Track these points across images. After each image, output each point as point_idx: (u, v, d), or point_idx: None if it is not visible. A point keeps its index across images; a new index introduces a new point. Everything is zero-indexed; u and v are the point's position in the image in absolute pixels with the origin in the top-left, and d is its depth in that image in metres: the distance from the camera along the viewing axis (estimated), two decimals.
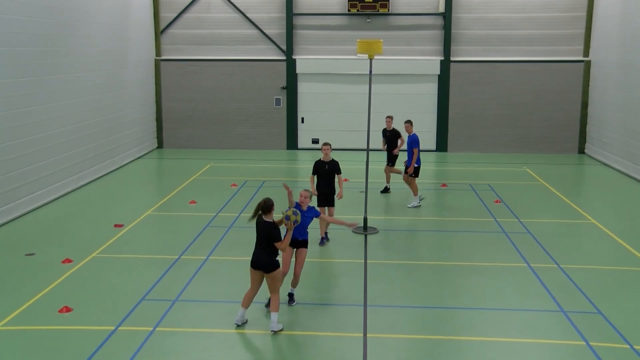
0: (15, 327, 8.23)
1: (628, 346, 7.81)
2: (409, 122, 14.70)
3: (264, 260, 8.13)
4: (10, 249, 11.31)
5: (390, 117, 15.86)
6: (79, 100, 16.15)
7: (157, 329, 8.22)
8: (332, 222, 10.03)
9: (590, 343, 7.86)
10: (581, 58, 21.10)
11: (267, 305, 8.80)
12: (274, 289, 8.20)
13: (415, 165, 14.28)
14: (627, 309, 8.88)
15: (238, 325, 8.26)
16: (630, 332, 8.13)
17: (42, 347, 7.75)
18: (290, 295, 9.08)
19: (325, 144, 11.83)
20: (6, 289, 9.46)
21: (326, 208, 11.84)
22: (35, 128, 13.96)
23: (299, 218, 8.45)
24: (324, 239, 11.69)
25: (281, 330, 8.18)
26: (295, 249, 9.13)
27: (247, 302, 8.32)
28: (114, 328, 8.19)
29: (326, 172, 11.70)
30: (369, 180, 13.00)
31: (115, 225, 12.65)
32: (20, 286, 9.56)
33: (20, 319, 8.44)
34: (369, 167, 13.02)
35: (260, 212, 8.26)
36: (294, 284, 9.05)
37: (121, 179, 17.37)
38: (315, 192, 11.66)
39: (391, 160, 15.73)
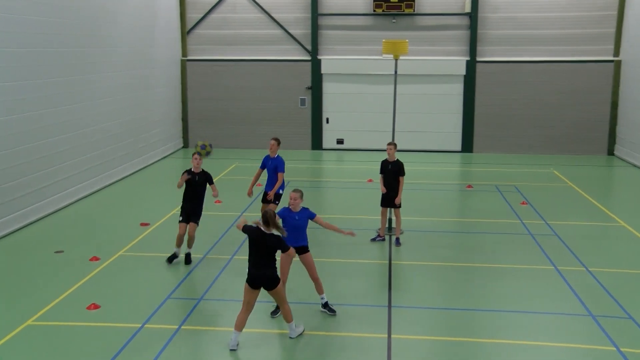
0: (45, 323, 8.36)
1: None
2: (275, 140, 11.62)
3: (270, 275, 7.57)
4: (41, 246, 11.50)
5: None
6: (106, 100, 16.36)
7: (183, 327, 8.28)
8: (327, 227, 8.66)
9: (621, 349, 7.71)
10: (611, 58, 20.75)
11: (274, 312, 8.61)
12: (281, 300, 7.81)
13: (279, 192, 11.49)
14: None
15: (233, 350, 7.64)
16: None
17: (70, 343, 7.86)
18: (326, 304, 8.71)
19: (389, 143, 11.60)
20: (36, 286, 9.62)
21: (388, 210, 11.85)
22: (64, 127, 14.18)
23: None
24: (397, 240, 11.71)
25: (303, 331, 8.08)
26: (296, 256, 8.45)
27: (240, 326, 7.69)
28: (140, 325, 8.28)
29: (389, 173, 11.55)
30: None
31: (142, 224, 12.78)
32: (49, 283, 9.72)
33: (49, 315, 8.58)
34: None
35: (260, 225, 7.62)
36: (320, 289, 8.75)
37: (147, 178, 17.55)
38: (383, 190, 11.56)
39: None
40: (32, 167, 12.95)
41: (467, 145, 21.58)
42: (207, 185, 10.68)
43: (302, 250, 8.59)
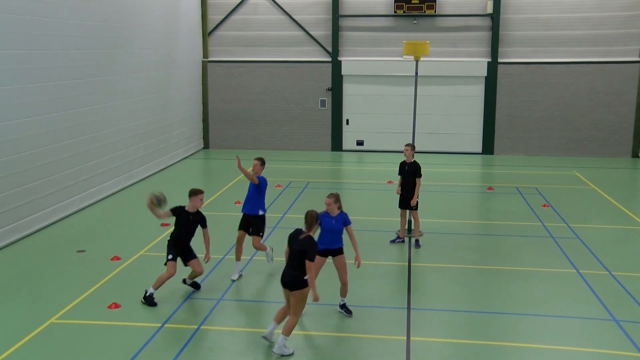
0: (67, 321, 8.46)
1: None
2: (258, 161, 10.35)
3: (294, 277, 7.48)
4: (63, 245, 11.65)
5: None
6: (128, 101, 16.53)
7: (202, 327, 8.33)
8: (350, 239, 8.59)
9: None
10: (637, 59, 20.45)
11: (341, 307, 8.60)
12: (294, 310, 7.49)
13: (261, 213, 10.19)
14: None
15: (266, 339, 7.75)
16: None
17: (91, 341, 7.95)
18: (343, 305, 8.73)
19: (406, 144, 11.55)
20: (59, 284, 9.75)
21: (407, 211, 11.81)
22: (87, 128, 14.35)
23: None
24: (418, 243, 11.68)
25: (289, 355, 7.50)
26: (326, 259, 8.65)
27: (278, 318, 7.79)
28: (160, 325, 8.34)
29: (406, 174, 11.49)
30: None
31: (162, 225, 12.88)
32: (71, 282, 9.84)
33: (71, 314, 8.68)
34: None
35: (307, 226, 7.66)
36: (344, 292, 8.72)
37: (168, 179, 17.69)
38: (398, 191, 11.60)
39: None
40: (56, 167, 13.13)
41: (488, 147, 21.41)
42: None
43: (337, 252, 8.61)
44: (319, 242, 8.20)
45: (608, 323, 8.48)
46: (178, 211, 9.17)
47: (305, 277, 7.46)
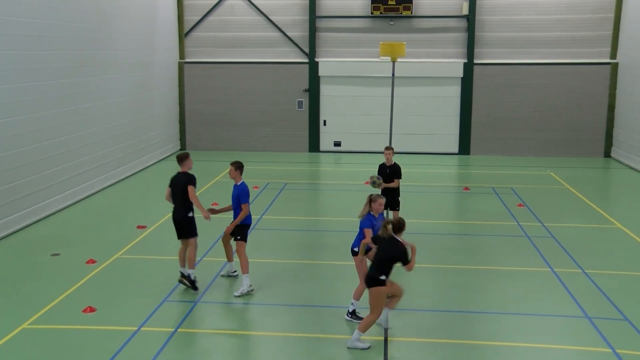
0: (40, 326, 8.35)
1: None
2: (232, 165, 9.74)
3: (370, 275, 7.65)
4: (37, 248, 11.49)
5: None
6: (104, 103, 16.36)
7: (179, 329, 8.28)
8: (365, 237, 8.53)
9: (617, 350, 7.73)
10: (608, 60, 20.80)
11: (350, 314, 8.51)
12: (373, 308, 7.62)
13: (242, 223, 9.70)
14: None
15: (385, 329, 7.90)
16: None
17: (66, 346, 7.85)
18: (353, 312, 8.58)
19: (387, 148, 11.57)
20: (32, 289, 9.61)
21: (390, 212, 11.78)
22: (62, 130, 14.18)
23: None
24: None
25: (366, 348, 7.69)
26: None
27: (391, 304, 7.96)
28: (136, 328, 8.27)
29: (388, 177, 11.47)
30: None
31: (139, 227, 12.78)
32: (45, 286, 9.70)
33: (44, 318, 8.56)
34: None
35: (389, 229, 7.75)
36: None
37: (145, 181, 17.54)
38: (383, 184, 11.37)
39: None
40: (30, 169, 12.94)
41: (465, 147, 21.60)
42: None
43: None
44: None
45: (581, 320, 8.61)
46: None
47: (382, 277, 7.56)
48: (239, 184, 9.62)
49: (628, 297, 9.34)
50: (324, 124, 22.06)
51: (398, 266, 7.75)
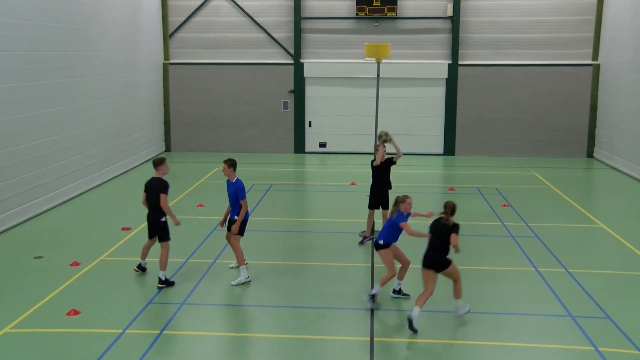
0: (23, 330, 8.26)
1: (637, 352, 7.75)
2: (225, 163, 9.80)
3: (437, 260, 8.42)
4: (20, 251, 11.37)
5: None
6: (88, 104, 16.24)
7: (164, 332, 8.24)
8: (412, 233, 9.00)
9: (599, 348, 7.81)
10: (590, 62, 21.02)
11: (396, 292, 9.31)
12: (456, 277, 8.60)
13: (236, 218, 9.91)
14: (636, 314, 8.82)
15: (410, 321, 8.18)
16: (638, 337, 8.06)
17: (49, 350, 7.78)
18: (400, 290, 9.38)
19: (381, 145, 11.71)
20: (14, 292, 9.51)
21: (377, 212, 11.89)
22: (45, 131, 14.05)
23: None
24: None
25: (468, 311, 8.65)
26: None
27: (421, 302, 8.37)
28: (121, 331, 8.21)
29: (382, 171, 11.66)
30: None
31: (123, 229, 12.70)
32: (28, 289, 9.60)
33: (28, 322, 8.47)
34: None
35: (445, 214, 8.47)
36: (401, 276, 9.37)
37: (130, 182, 17.43)
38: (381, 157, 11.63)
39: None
40: (13, 170, 12.81)
41: (449, 148, 21.72)
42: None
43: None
44: (392, 237, 9.12)
45: (564, 319, 8.69)
46: None
47: (448, 257, 8.48)
48: (234, 181, 9.75)
49: (610, 296, 9.44)
50: (309, 125, 22.07)
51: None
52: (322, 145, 22.11)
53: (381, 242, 9.11)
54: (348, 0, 21.22)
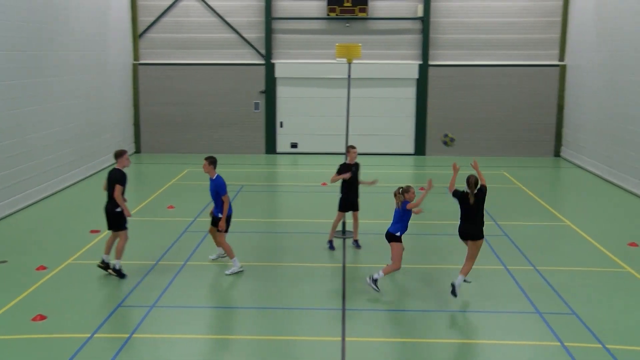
0: None
1: (600, 345, 7.92)
2: (206, 160, 10.13)
3: (476, 231, 9.15)
4: None
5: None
6: (57, 105, 15.99)
7: (134, 335, 8.14)
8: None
9: (565, 343, 7.96)
10: (557, 62, 21.39)
11: (372, 280, 9.53)
12: (473, 255, 9.20)
13: (220, 215, 10.22)
14: (600, 310, 9.01)
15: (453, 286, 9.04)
16: (602, 332, 8.25)
17: (14, 357, 7.62)
18: (375, 281, 9.55)
19: (352, 146, 11.66)
20: None
21: (347, 214, 11.86)
22: (13, 132, 13.80)
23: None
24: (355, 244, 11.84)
25: (469, 281, 9.45)
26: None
27: (464, 270, 9.21)
28: (89, 335, 8.09)
29: (354, 174, 11.59)
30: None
31: (92, 231, 12.52)
32: None
33: None
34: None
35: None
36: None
37: (99, 184, 17.14)
38: (348, 175, 11.48)
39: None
40: None
41: (420, 148, 21.88)
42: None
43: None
44: (404, 227, 9.58)
45: (532, 316, 8.83)
46: None
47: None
48: (214, 177, 10.06)
49: (576, 292, 9.62)
50: (281, 126, 22.03)
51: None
52: (294, 145, 22.09)
53: (398, 234, 9.54)
54: (319, 1, 21.25)
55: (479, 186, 9.27)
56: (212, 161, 10.04)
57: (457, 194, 9.34)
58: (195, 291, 9.67)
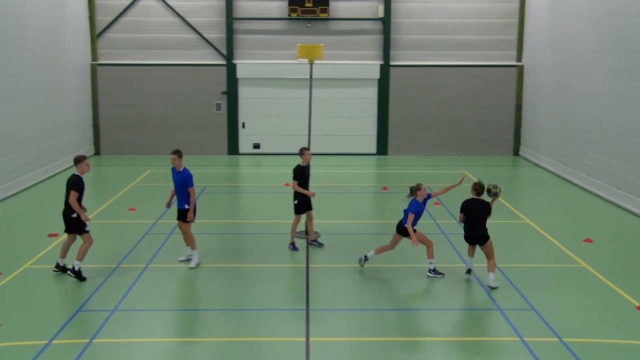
0: None
1: (557, 339, 8.12)
2: (174, 154, 10.47)
3: (480, 233, 9.78)
4: None
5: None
6: (11, 105, 15.59)
7: (94, 340, 7.99)
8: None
9: (524, 338, 8.12)
10: (514, 63, 21.82)
11: (364, 259, 10.44)
12: (491, 254, 9.80)
13: (187, 207, 10.50)
14: (558, 304, 9.23)
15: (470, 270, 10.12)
16: (559, 326, 8.45)
17: None
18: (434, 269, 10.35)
19: (306, 148, 11.69)
20: None
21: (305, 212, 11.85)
22: None
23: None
24: (311, 243, 11.87)
25: (497, 287, 9.69)
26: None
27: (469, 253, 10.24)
28: (46, 342, 7.91)
29: (307, 177, 11.72)
30: (309, 184, 13.00)
31: (50, 235, 12.24)
32: None
33: None
34: (310, 171, 13.01)
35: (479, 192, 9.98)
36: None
37: (56, 187, 16.81)
38: (313, 193, 11.60)
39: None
40: None
41: (382, 148, 22.05)
42: None
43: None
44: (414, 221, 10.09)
45: (494, 312, 8.99)
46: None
47: (486, 230, 9.87)
48: (181, 170, 10.42)
49: (534, 288, 9.83)
50: (243, 127, 21.93)
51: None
52: (256, 146, 22.02)
53: (415, 228, 10.09)
54: (280, 1, 21.22)
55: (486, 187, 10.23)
56: (181, 155, 10.43)
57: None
58: (157, 294, 9.55)
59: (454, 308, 9.16)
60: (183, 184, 10.35)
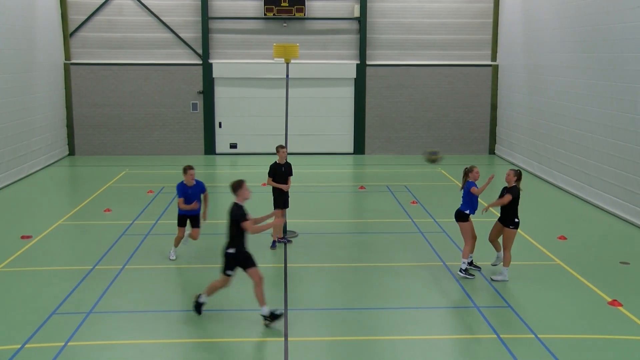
0: None
1: (533, 336, 8.22)
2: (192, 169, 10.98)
3: (508, 219, 10.10)
4: None
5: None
6: None
7: (70, 343, 7.89)
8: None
9: (501, 335, 8.21)
10: (489, 62, 22.04)
11: (463, 271, 10.22)
12: (509, 246, 9.95)
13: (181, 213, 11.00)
14: (533, 301, 9.34)
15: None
16: (535, 323, 8.56)
17: None
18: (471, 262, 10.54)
19: (282, 146, 11.73)
20: None
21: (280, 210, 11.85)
22: None
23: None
24: (279, 241, 11.96)
25: (506, 280, 9.95)
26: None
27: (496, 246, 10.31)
28: (20, 346, 7.78)
29: (283, 175, 11.73)
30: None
31: (23, 237, 12.04)
32: None
33: None
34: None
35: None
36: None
37: (28, 188, 16.56)
38: (287, 187, 11.71)
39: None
40: None
41: (359, 147, 22.11)
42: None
43: None
44: (472, 206, 10.41)
45: (471, 310, 9.07)
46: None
47: (517, 219, 10.09)
48: (196, 182, 10.98)
49: (510, 286, 9.95)
50: (220, 126, 21.82)
51: None
52: (233, 146, 21.92)
53: (467, 212, 10.26)
54: (256, 1, 21.15)
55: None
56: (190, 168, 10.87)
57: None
58: (133, 295, 9.46)
59: (431, 307, 9.22)
60: (201, 192, 10.98)
